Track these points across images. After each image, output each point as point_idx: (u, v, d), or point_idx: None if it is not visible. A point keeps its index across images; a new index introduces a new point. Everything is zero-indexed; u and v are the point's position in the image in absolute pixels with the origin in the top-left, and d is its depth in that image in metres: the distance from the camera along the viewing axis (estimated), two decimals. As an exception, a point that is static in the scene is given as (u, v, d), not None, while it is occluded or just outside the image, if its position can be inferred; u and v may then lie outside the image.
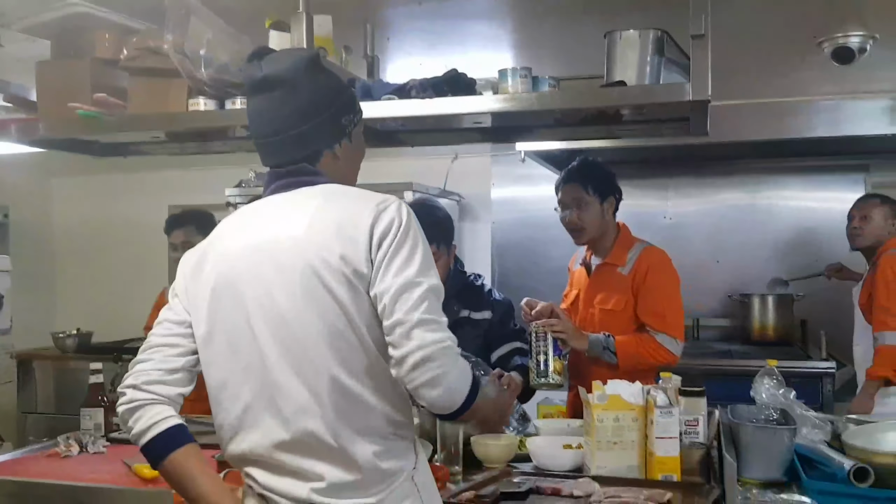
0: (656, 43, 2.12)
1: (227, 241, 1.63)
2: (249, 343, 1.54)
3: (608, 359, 2.83)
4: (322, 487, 1.50)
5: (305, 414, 1.50)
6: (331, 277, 1.49)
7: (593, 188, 2.98)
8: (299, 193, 1.60)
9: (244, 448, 1.56)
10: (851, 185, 4.94)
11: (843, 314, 4.87)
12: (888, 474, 2.00)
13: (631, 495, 1.95)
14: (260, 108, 1.63)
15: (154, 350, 1.62)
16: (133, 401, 1.57)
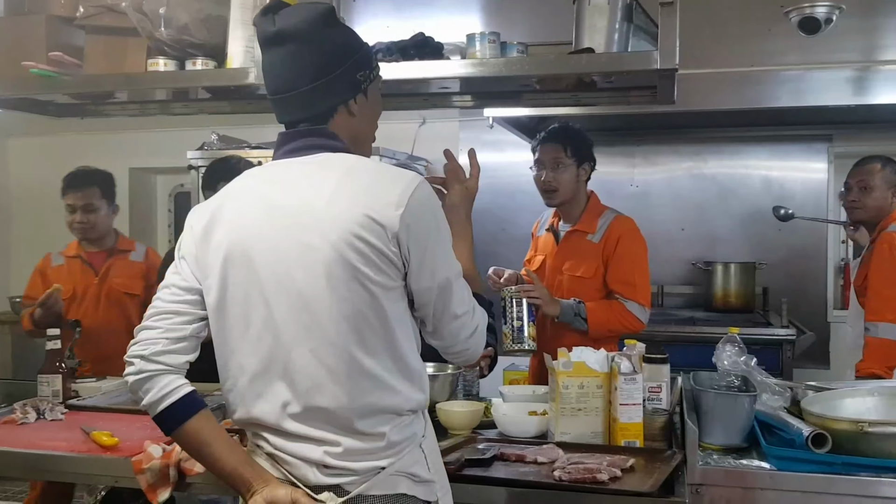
0: (625, 10, 2.10)
1: (241, 207, 1.58)
2: (263, 316, 1.53)
3: (578, 325, 2.85)
4: (337, 452, 1.52)
5: (320, 390, 1.51)
6: (357, 261, 1.48)
7: (572, 151, 3.01)
8: (317, 162, 1.57)
9: (253, 415, 1.57)
10: (815, 154, 5.01)
11: (805, 282, 4.98)
12: (845, 440, 2.04)
13: (594, 461, 1.97)
14: (273, 63, 1.59)
15: (160, 317, 1.60)
16: (142, 371, 1.56)
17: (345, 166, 1.56)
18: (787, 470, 2.04)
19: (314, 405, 1.51)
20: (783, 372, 4.02)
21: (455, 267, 1.60)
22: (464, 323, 1.61)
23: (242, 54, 2.26)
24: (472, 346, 1.66)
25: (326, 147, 1.59)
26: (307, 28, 1.56)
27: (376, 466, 1.54)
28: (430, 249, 1.53)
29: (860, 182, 3.44)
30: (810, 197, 5.02)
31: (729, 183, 5.12)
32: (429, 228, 1.53)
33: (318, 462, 1.53)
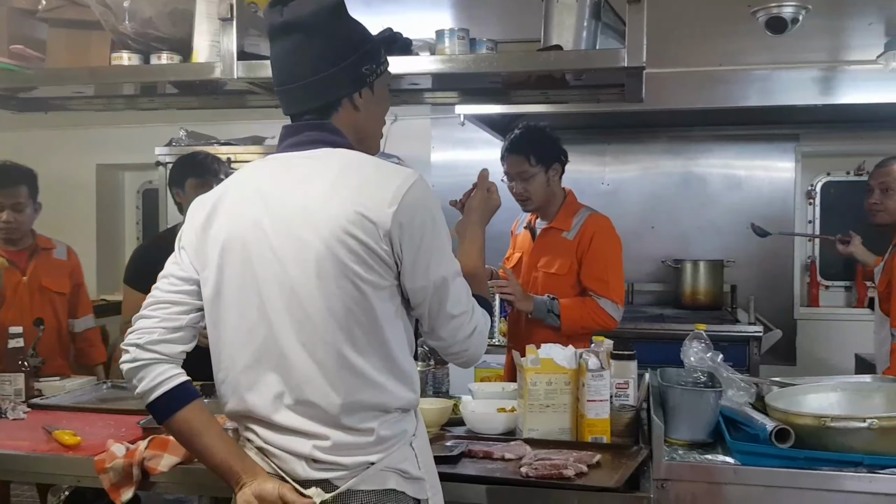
0: (593, 8, 2.10)
1: (240, 199, 1.59)
2: (258, 308, 1.54)
3: (552, 321, 2.87)
4: (326, 446, 1.53)
5: (310, 385, 1.52)
6: (348, 259, 1.48)
7: (536, 159, 3.00)
8: (316, 157, 1.57)
9: (245, 407, 1.57)
10: (781, 153, 5.08)
11: (772, 280, 5.04)
12: (808, 435, 2.06)
13: (560, 457, 1.98)
14: (280, 55, 1.60)
15: (157, 307, 1.61)
16: (136, 360, 1.57)
17: (342, 162, 1.56)
18: (751, 464, 2.05)
19: (304, 398, 1.52)
20: (750, 368, 4.07)
21: (451, 266, 1.58)
22: (461, 323, 1.60)
23: (208, 49, 2.24)
24: (472, 347, 1.64)
25: (327, 142, 1.59)
26: (314, 20, 1.56)
27: (365, 461, 1.54)
28: (425, 248, 1.52)
29: (882, 184, 3.30)
30: (778, 195, 5.08)
31: (698, 181, 5.17)
32: (423, 227, 1.52)
33: (307, 456, 1.53)
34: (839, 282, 5.30)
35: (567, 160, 3.10)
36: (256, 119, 5.02)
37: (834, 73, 3.96)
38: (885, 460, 2.00)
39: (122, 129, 5.39)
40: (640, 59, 1.95)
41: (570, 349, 2.36)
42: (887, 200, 3.26)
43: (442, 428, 2.36)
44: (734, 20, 3.02)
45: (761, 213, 5.01)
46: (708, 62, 3.77)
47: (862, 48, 3.48)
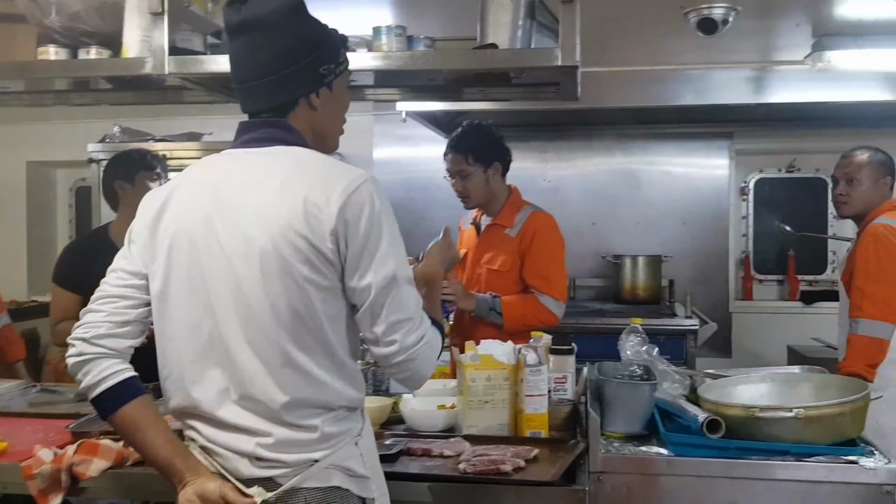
0: (528, 7, 2.12)
1: (191, 194, 1.59)
2: (204, 304, 1.53)
3: (494, 319, 2.89)
4: (269, 443, 1.52)
5: (254, 381, 1.51)
6: (294, 258, 1.48)
7: (474, 158, 3.02)
8: (270, 155, 1.57)
9: (190, 402, 1.56)
10: (716, 151, 5.20)
11: (708, 275, 5.16)
12: (738, 425, 2.11)
13: (498, 452, 1.99)
14: (238, 53, 1.60)
15: (105, 301, 1.60)
16: (82, 354, 1.56)
17: (294, 160, 1.56)
18: (684, 455, 2.10)
19: (248, 394, 1.52)
20: (687, 361, 4.16)
21: (401, 269, 1.55)
22: (409, 328, 1.55)
23: (139, 43, 2.19)
24: (419, 358, 1.57)
25: (282, 140, 1.59)
26: (272, 18, 1.56)
27: (309, 459, 1.54)
28: (370, 247, 1.50)
29: (846, 174, 3.22)
30: (713, 192, 5.20)
31: (636, 179, 5.26)
32: (370, 225, 1.50)
33: (250, 454, 1.52)
34: (772, 276, 5.45)
35: (510, 159, 3.13)
36: (193, 115, 4.92)
37: (765, 72, 4.06)
38: (812, 448, 2.06)
39: (53, 125, 5.25)
40: (573, 58, 1.98)
41: (510, 345, 2.37)
42: (852, 191, 3.20)
43: (382, 426, 2.36)
44: (667, 21, 3.08)
45: (697, 210, 5.15)
46: (644, 62, 3.83)
47: (790, 48, 3.58)
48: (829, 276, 5.39)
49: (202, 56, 2.23)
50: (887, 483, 2.00)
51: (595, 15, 2.55)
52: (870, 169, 3.18)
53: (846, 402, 2.09)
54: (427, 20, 3.11)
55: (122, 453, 1.97)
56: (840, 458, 2.05)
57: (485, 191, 3.07)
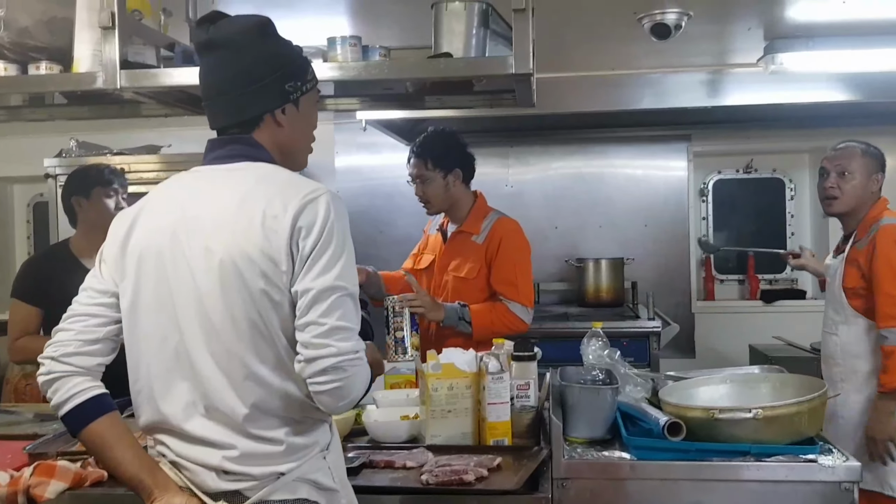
0: (481, 15, 2.13)
1: (159, 211, 1.62)
2: (171, 317, 1.56)
3: (463, 328, 2.89)
4: (234, 456, 1.54)
5: (219, 394, 1.54)
6: (249, 270, 1.50)
7: (433, 163, 3.04)
8: (234, 170, 1.60)
9: (159, 416, 1.58)
10: (675, 153, 5.27)
11: (670, 276, 5.22)
12: (698, 427, 2.13)
13: (461, 462, 1.99)
14: (206, 70, 1.65)
15: (75, 319, 1.62)
16: (51, 372, 1.58)
17: (257, 175, 1.59)
18: (647, 459, 2.12)
19: (213, 407, 1.54)
20: (651, 362, 4.20)
21: (346, 281, 1.52)
22: (348, 336, 1.50)
23: (90, 58, 2.16)
24: (351, 371, 1.50)
25: (248, 156, 1.62)
26: (238, 38, 1.61)
27: (275, 472, 1.55)
28: (317, 253, 1.51)
29: (838, 166, 2.99)
30: (673, 194, 5.26)
31: (597, 182, 5.31)
32: (320, 233, 1.51)
33: (216, 467, 1.54)
34: (732, 275, 5.53)
35: (473, 166, 3.14)
36: (152, 128, 4.86)
37: (720, 75, 4.12)
38: (771, 448, 2.09)
39: (8, 141, 5.14)
40: (527, 65, 1.99)
41: (471, 353, 2.37)
42: (844, 185, 2.98)
43: (344, 439, 2.34)
44: (622, 26, 3.11)
45: (658, 212, 5.21)
46: (601, 67, 3.86)
47: (744, 52, 3.63)
48: (787, 275, 5.48)
49: (155, 70, 2.21)
50: (846, 480, 2.04)
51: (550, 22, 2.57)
52: (864, 162, 2.99)
53: (803, 402, 2.12)
54: (383, 30, 3.12)
55: (80, 474, 1.94)
56: (799, 458, 2.08)
57: (444, 196, 3.08)
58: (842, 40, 3.36)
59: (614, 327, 4.11)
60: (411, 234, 3.44)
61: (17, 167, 5.44)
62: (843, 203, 3.02)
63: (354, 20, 3.18)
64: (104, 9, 2.08)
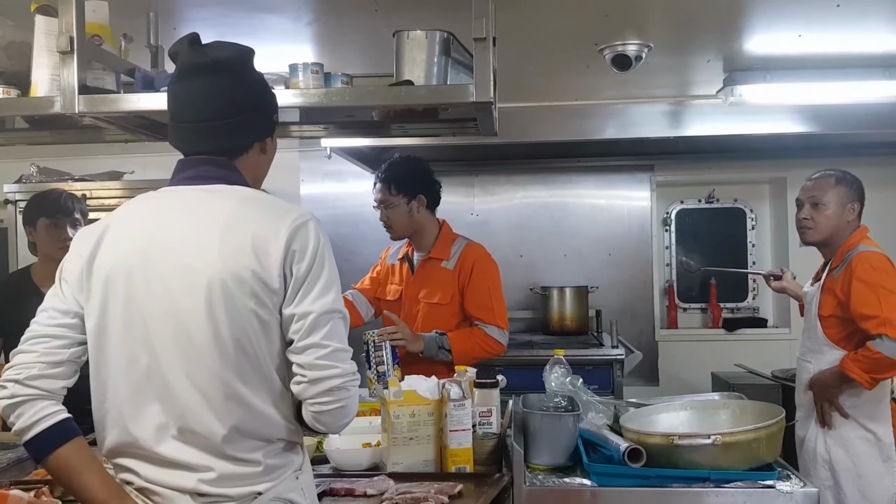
0: (443, 44, 2.15)
1: (127, 231, 1.59)
2: (142, 338, 1.53)
3: (443, 357, 2.88)
4: (211, 478, 1.51)
5: (194, 415, 1.51)
6: (240, 291, 1.50)
7: (397, 188, 3.06)
8: (214, 192, 1.59)
9: (128, 439, 1.55)
10: (638, 183, 5.34)
11: (633, 304, 5.26)
12: (658, 454, 2.15)
13: (422, 490, 1.98)
14: (201, 92, 1.60)
15: (37, 341, 1.57)
16: (15, 396, 1.53)
17: (239, 197, 1.58)
18: (607, 485, 2.13)
19: (188, 429, 1.52)
20: (615, 390, 4.21)
21: (339, 304, 1.57)
22: (343, 357, 1.55)
23: (48, 82, 2.14)
24: (352, 391, 1.54)
25: (225, 179, 1.61)
26: (238, 64, 1.62)
27: (252, 492, 1.54)
28: (312, 276, 1.53)
29: (811, 198, 3.07)
30: (636, 223, 5.32)
31: (561, 211, 5.35)
32: (314, 257, 1.54)
33: (191, 490, 1.51)
34: (695, 304, 5.58)
35: (437, 194, 3.16)
36: (115, 154, 4.82)
37: (681, 106, 4.19)
38: (730, 475, 2.11)
39: (-34, 166, 5.07)
40: (487, 94, 2.01)
41: (433, 380, 2.37)
42: (817, 216, 3.05)
43: (305, 467, 2.31)
44: (584, 58, 3.16)
45: (621, 240, 5.26)
46: (565, 97, 3.91)
47: (704, 84, 3.70)
48: (749, 304, 5.55)
49: (114, 95, 2.19)
50: (803, 506, 2.06)
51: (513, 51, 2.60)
52: (837, 192, 3.03)
53: (761, 428, 2.15)
54: (346, 58, 3.14)
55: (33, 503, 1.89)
56: (757, 483, 2.10)
57: (408, 222, 3.08)
58: (798, 73, 3.45)
59: (578, 355, 4.11)
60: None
61: (-25, 193, 5.36)
62: (817, 233, 3.07)
63: (317, 48, 3.19)
64: (63, 33, 2.06)
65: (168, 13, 2.56)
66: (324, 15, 2.74)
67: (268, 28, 2.79)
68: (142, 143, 2.85)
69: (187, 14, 2.67)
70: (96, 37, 2.18)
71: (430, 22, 2.23)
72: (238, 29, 2.70)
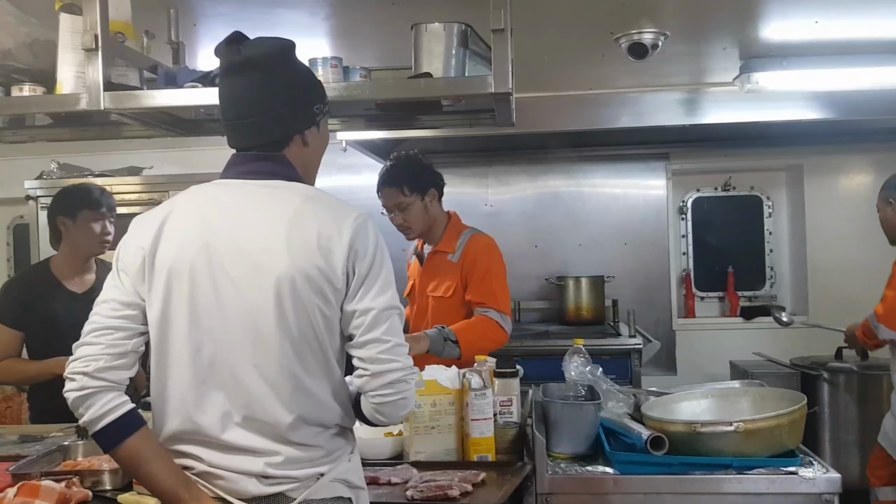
0: (460, 36, 2.16)
1: (190, 222, 1.62)
2: (205, 330, 1.57)
3: (450, 351, 2.79)
4: (278, 462, 1.57)
5: (261, 404, 1.56)
6: (308, 288, 1.55)
7: (409, 188, 3.00)
8: (275, 188, 1.63)
9: (192, 426, 1.59)
10: (653, 172, 5.32)
11: (650, 294, 5.25)
12: (680, 441, 2.16)
13: (445, 478, 2.00)
14: (237, 90, 1.64)
15: (100, 333, 1.60)
16: (84, 388, 1.56)
17: (301, 195, 1.62)
18: (630, 473, 2.14)
19: (253, 417, 1.57)
20: (633, 379, 4.21)
21: (394, 302, 1.63)
22: (402, 352, 1.62)
23: (73, 80, 2.17)
24: (412, 383, 1.62)
25: (281, 174, 1.65)
26: (273, 59, 1.63)
27: (316, 473, 1.61)
28: (373, 274, 1.59)
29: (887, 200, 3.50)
30: (652, 212, 5.31)
31: (576, 201, 5.34)
32: (374, 256, 1.60)
33: (258, 473, 1.57)
34: (713, 293, 5.57)
35: (443, 183, 3.13)
36: (134, 149, 4.87)
37: (697, 94, 4.18)
38: (752, 461, 2.12)
39: (-13, 162, 5.14)
40: (506, 85, 2.02)
41: (454, 369, 2.39)
42: None
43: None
44: (600, 47, 3.16)
45: (636, 230, 5.25)
46: (580, 86, 3.91)
47: (720, 71, 3.70)
48: (767, 292, 5.53)
49: (138, 91, 2.22)
50: (826, 492, 2.07)
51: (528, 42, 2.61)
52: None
53: (783, 414, 2.16)
54: (362, 52, 3.14)
55: (64, 494, 1.93)
56: (780, 470, 2.11)
57: (425, 218, 3.06)
58: (815, 59, 3.44)
59: (595, 345, 4.12)
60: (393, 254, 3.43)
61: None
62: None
63: (333, 42, 3.21)
64: (87, 31, 2.09)
65: (188, 10, 2.59)
66: (341, 9, 2.76)
67: (285, 23, 2.81)
68: (159, 139, 2.88)
69: (206, 10, 2.69)
70: (119, 34, 2.20)
71: (445, 14, 2.24)
72: (256, 24, 2.72)
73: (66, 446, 2.31)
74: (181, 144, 3.95)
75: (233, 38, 1.66)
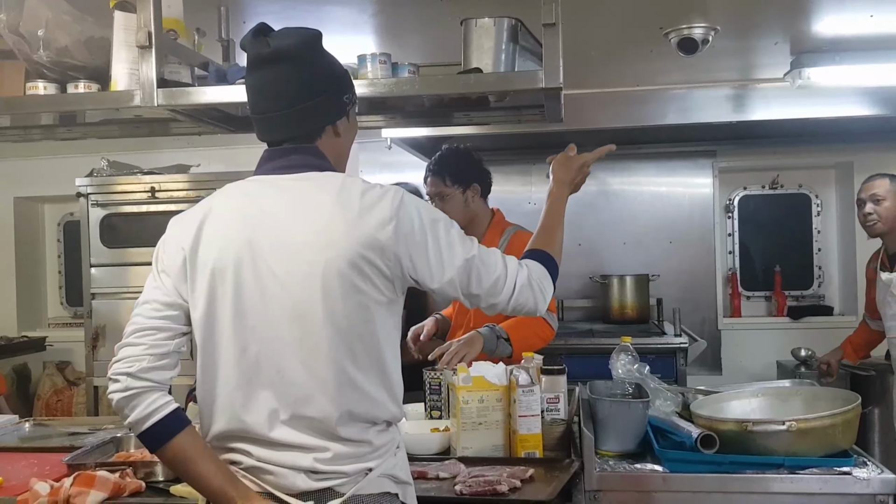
0: (510, 31, 2.15)
1: (228, 220, 1.61)
2: (250, 328, 1.56)
3: (503, 349, 2.78)
4: (327, 458, 1.56)
5: (309, 400, 1.55)
6: (355, 278, 1.54)
7: (451, 180, 3.02)
8: (309, 180, 1.62)
9: (240, 426, 1.58)
10: (700, 170, 5.26)
11: (696, 292, 5.19)
12: (731, 440, 2.13)
13: (494, 473, 2.00)
14: (266, 82, 1.63)
15: (143, 333, 1.60)
16: (129, 389, 1.56)
17: (336, 185, 1.60)
18: (679, 471, 2.12)
19: (302, 414, 1.55)
20: (678, 378, 4.17)
21: (466, 246, 1.66)
22: (500, 288, 1.69)
23: (127, 76, 2.20)
24: (523, 300, 1.74)
25: (315, 166, 1.64)
26: (301, 50, 1.61)
27: (365, 468, 1.59)
28: (433, 248, 1.60)
29: (872, 196, 3.60)
30: (698, 210, 5.25)
31: (620, 199, 5.30)
32: (424, 231, 1.59)
33: (307, 469, 1.56)
34: (759, 292, 5.49)
35: (490, 181, 3.13)
36: (181, 147, 4.95)
37: (746, 90, 4.12)
38: (805, 461, 2.08)
39: (40, 161, 5.25)
40: (557, 80, 2.01)
41: (501, 366, 2.38)
42: (879, 209, 3.57)
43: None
44: (649, 42, 3.13)
45: (682, 228, 5.20)
46: (627, 83, 3.88)
47: (770, 67, 3.64)
48: (815, 292, 5.43)
49: (191, 88, 2.24)
50: (880, 493, 2.03)
51: (577, 38, 2.59)
52: (892, 189, 3.55)
53: (837, 414, 2.11)
54: (410, 47, 3.16)
55: (119, 485, 1.97)
56: (833, 470, 2.07)
57: (464, 212, 3.04)
58: (869, 54, 3.36)
59: (640, 343, 4.06)
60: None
61: (48, 187, 5.54)
62: (882, 224, 3.60)
63: (380, 39, 3.22)
64: (141, 28, 2.12)
65: (238, 7, 2.61)
66: (389, 6, 2.76)
67: (333, 20, 2.82)
68: (206, 137, 2.91)
69: (256, 8, 2.72)
70: (172, 31, 2.23)
71: (490, 9, 2.23)
72: (305, 21, 2.64)
73: (118, 438, 2.36)
74: (227, 142, 4.00)
75: (259, 29, 1.64)
